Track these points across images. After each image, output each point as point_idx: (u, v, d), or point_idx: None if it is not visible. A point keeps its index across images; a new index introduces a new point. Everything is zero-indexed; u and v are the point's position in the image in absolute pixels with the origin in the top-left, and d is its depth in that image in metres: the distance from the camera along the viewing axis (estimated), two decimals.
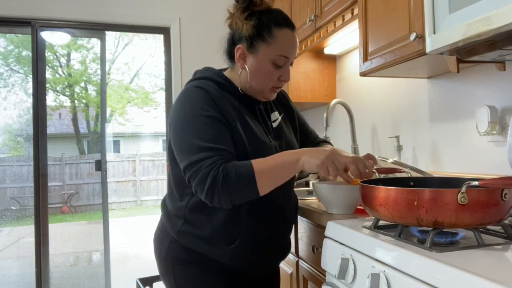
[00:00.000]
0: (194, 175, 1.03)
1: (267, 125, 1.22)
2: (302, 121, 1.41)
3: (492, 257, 0.74)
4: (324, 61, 2.43)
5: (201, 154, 1.03)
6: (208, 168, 1.01)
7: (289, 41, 1.14)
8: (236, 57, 1.16)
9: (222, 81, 1.16)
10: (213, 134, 1.05)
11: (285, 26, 1.13)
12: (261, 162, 1.03)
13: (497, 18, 0.86)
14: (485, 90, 1.40)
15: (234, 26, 1.16)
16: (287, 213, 1.24)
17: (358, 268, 0.92)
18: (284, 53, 1.13)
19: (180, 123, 1.10)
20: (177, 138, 1.10)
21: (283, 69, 1.15)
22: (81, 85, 8.84)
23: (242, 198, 1.04)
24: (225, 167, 1.01)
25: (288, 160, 1.04)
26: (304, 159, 1.03)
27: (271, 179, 1.03)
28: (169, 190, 1.23)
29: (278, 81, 1.17)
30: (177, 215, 1.17)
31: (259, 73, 1.14)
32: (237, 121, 1.11)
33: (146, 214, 9.30)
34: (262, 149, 1.13)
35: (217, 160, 1.02)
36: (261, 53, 1.12)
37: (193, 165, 1.03)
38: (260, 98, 1.20)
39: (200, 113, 1.07)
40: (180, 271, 1.17)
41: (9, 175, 5.34)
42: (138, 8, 2.93)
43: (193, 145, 1.05)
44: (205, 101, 1.09)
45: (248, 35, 1.12)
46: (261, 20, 1.12)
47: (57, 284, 3.50)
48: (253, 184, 1.00)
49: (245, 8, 1.13)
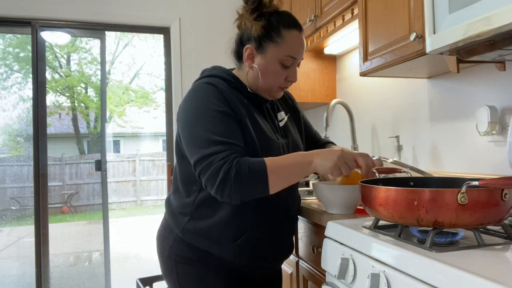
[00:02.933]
0: (206, 168, 1.02)
1: (274, 124, 1.23)
2: (307, 123, 1.44)
3: (492, 257, 0.74)
4: (324, 61, 2.43)
5: (213, 148, 1.03)
6: (221, 162, 1.00)
7: (297, 42, 1.16)
8: (245, 57, 1.17)
9: (230, 78, 1.17)
10: (224, 129, 1.05)
11: (293, 27, 1.15)
12: (273, 160, 1.04)
13: (497, 18, 0.86)
14: (485, 90, 1.40)
15: (243, 26, 1.17)
16: (292, 212, 1.25)
17: (358, 268, 0.92)
18: (292, 53, 1.14)
19: (191, 118, 1.10)
20: (187, 133, 1.10)
21: (290, 69, 1.17)
22: (81, 85, 8.84)
23: (252, 195, 1.04)
24: (238, 162, 1.00)
25: (300, 162, 1.05)
26: (317, 162, 1.04)
27: (283, 178, 1.04)
28: (174, 188, 1.23)
29: (285, 82, 1.18)
30: (182, 212, 1.17)
31: (267, 73, 1.15)
32: (246, 117, 1.12)
33: (146, 214, 9.30)
34: (270, 146, 1.14)
35: (230, 154, 1.02)
36: (269, 53, 1.14)
37: (205, 159, 1.03)
38: (267, 97, 1.22)
39: (211, 108, 1.08)
40: (183, 270, 1.17)
41: (9, 175, 5.34)
42: (138, 8, 2.92)
43: (204, 139, 1.04)
44: (215, 96, 1.10)
45: (257, 36, 1.14)
46: (270, 21, 1.14)
47: (57, 284, 3.50)
48: (265, 181, 1.01)
49: (254, 9, 1.15)
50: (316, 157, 1.05)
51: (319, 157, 1.05)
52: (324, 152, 1.07)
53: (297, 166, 1.05)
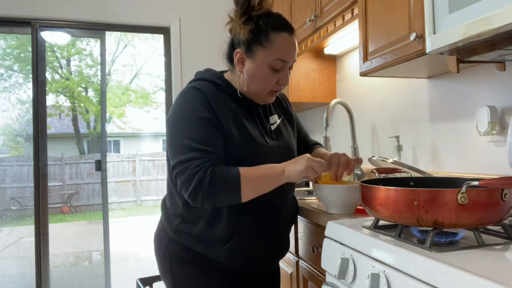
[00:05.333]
0: (181, 173, 1.06)
1: (264, 127, 1.22)
2: (300, 126, 1.44)
3: (492, 257, 0.74)
4: (324, 61, 2.43)
5: (190, 154, 1.06)
6: (196, 169, 1.03)
7: (286, 44, 1.14)
8: (235, 61, 1.17)
9: (220, 82, 1.17)
10: (204, 136, 1.07)
11: (282, 29, 1.13)
12: (247, 170, 1.07)
13: (497, 18, 0.86)
14: (485, 90, 1.40)
15: (233, 31, 1.17)
16: (285, 215, 1.24)
17: (358, 268, 0.92)
18: (281, 57, 1.13)
19: (174, 123, 1.12)
20: (170, 136, 1.13)
21: (282, 72, 1.16)
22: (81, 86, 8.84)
23: (224, 202, 1.07)
24: (213, 170, 1.04)
25: (273, 172, 1.09)
26: (288, 170, 1.09)
27: (255, 187, 1.07)
28: (168, 190, 1.25)
29: (276, 85, 1.17)
30: (175, 214, 1.19)
31: (256, 77, 1.15)
32: (231, 122, 1.12)
33: (146, 214, 9.30)
34: (256, 150, 1.15)
35: (205, 162, 1.04)
36: (258, 57, 1.13)
37: (181, 164, 1.06)
38: (259, 102, 1.21)
39: (194, 114, 1.09)
40: (178, 269, 1.18)
41: (9, 175, 5.35)
42: (138, 8, 2.92)
43: (183, 145, 1.07)
44: (199, 102, 1.11)
45: (246, 40, 1.13)
46: (258, 24, 1.13)
47: (57, 284, 3.50)
48: (237, 189, 1.04)
49: (243, 13, 1.14)
50: (286, 166, 1.10)
51: (288, 165, 1.10)
52: (292, 161, 1.12)
53: (269, 177, 1.09)
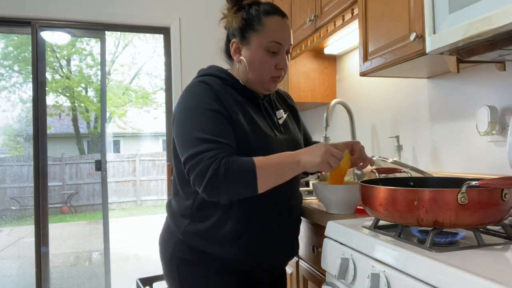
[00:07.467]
0: (194, 167, 1.02)
1: (272, 120, 1.22)
2: (305, 128, 1.45)
3: (492, 257, 0.74)
4: (324, 61, 2.43)
5: (202, 146, 1.02)
6: (210, 161, 1.00)
7: (279, 27, 1.16)
8: (232, 52, 1.18)
9: (225, 76, 1.17)
10: (214, 128, 1.05)
11: (273, 13, 1.16)
12: (262, 159, 1.04)
13: (497, 18, 0.86)
14: (485, 90, 1.40)
15: (227, 25, 1.20)
16: (295, 210, 1.24)
17: (358, 268, 0.92)
18: (275, 39, 1.14)
19: (182, 116, 1.10)
20: (179, 131, 1.10)
21: (279, 56, 1.16)
22: (81, 85, 8.84)
23: (240, 194, 1.03)
24: (227, 161, 1.00)
25: (288, 161, 1.05)
26: (304, 160, 1.05)
27: (271, 178, 1.04)
28: (174, 190, 1.23)
29: (275, 70, 1.17)
30: (183, 215, 1.16)
31: (254, 64, 1.15)
32: (239, 115, 1.11)
33: (146, 214, 9.30)
34: (266, 142, 1.14)
35: (219, 153, 1.01)
36: (253, 43, 1.14)
37: (193, 157, 1.02)
38: (262, 91, 1.21)
39: (203, 107, 1.08)
40: (185, 272, 1.16)
41: (9, 175, 5.35)
42: (138, 8, 2.93)
43: (194, 138, 1.04)
44: (207, 95, 1.10)
45: (239, 27, 1.16)
46: (250, 11, 1.16)
47: (57, 284, 3.51)
48: (253, 179, 1.00)
49: (234, 4, 1.18)
50: (302, 156, 1.06)
51: (305, 155, 1.06)
52: (309, 150, 1.07)
53: (286, 166, 1.05)
